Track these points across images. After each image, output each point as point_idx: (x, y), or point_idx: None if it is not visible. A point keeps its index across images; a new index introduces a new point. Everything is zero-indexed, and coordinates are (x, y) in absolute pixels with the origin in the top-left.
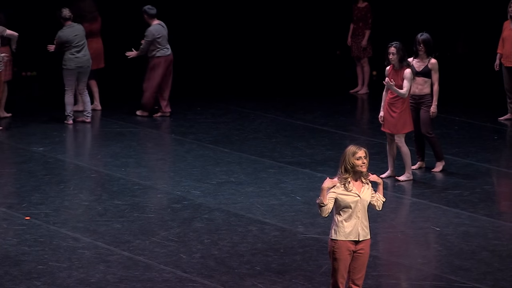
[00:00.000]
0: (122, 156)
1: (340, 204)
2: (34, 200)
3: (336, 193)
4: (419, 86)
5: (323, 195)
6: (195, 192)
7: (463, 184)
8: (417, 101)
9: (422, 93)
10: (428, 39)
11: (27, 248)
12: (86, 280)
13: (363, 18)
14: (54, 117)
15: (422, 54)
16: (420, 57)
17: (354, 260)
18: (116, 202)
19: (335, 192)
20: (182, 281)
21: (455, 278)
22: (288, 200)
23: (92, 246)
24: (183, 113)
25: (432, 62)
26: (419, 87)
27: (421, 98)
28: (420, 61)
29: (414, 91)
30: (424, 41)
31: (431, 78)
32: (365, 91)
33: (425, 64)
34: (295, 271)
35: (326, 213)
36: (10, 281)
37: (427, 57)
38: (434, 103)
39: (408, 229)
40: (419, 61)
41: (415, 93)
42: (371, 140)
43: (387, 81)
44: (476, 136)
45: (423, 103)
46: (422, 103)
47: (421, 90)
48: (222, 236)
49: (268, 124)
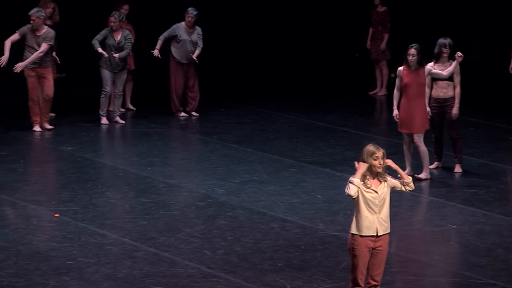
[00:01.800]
0: (148, 155)
1: (359, 200)
2: (63, 198)
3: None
4: (443, 89)
5: (358, 177)
6: (219, 190)
7: (479, 183)
8: (441, 104)
9: (447, 96)
10: (450, 43)
11: (56, 244)
12: (113, 275)
13: (381, 22)
14: (82, 117)
15: (445, 57)
16: (442, 61)
17: (373, 256)
18: (142, 200)
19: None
20: (206, 276)
21: (470, 275)
22: (308, 199)
23: (119, 243)
24: (208, 114)
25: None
26: (443, 91)
27: (446, 101)
28: (441, 65)
29: (439, 94)
30: (450, 45)
31: (453, 81)
32: (384, 93)
33: (447, 68)
34: (316, 267)
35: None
36: (40, 276)
37: (448, 61)
38: (456, 105)
39: (425, 227)
40: (440, 65)
41: (439, 96)
42: (389, 140)
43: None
44: (491, 137)
45: (448, 106)
46: (447, 106)
47: (445, 93)
48: (245, 233)
49: (290, 125)
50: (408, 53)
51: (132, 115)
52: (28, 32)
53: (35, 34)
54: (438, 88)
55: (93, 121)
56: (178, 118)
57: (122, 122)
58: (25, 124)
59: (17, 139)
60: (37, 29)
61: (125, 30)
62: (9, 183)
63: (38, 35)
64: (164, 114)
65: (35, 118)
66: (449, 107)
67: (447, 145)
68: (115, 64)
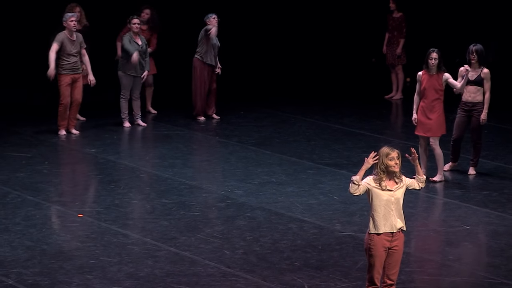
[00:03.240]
0: (169, 157)
1: (375, 201)
2: (86, 198)
3: (371, 186)
4: (472, 94)
5: (360, 175)
6: (238, 191)
7: (492, 185)
8: (470, 108)
9: (475, 101)
10: (480, 49)
11: (79, 244)
12: (135, 274)
13: (397, 28)
14: (105, 120)
15: (474, 63)
16: (473, 66)
17: (389, 256)
18: (163, 201)
19: (370, 184)
20: (226, 275)
21: (484, 274)
22: (326, 200)
23: (141, 242)
24: (227, 117)
25: (484, 72)
26: (472, 95)
27: (474, 106)
28: (473, 70)
29: (467, 99)
30: (476, 51)
31: (483, 86)
32: (399, 97)
33: (478, 74)
34: (333, 267)
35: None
36: (64, 274)
37: (479, 67)
38: (485, 110)
39: (439, 228)
40: (472, 70)
41: (468, 100)
42: (404, 143)
43: (466, 68)
44: (505, 140)
45: (476, 110)
46: (474, 111)
47: (474, 98)
48: (264, 233)
49: (307, 128)
50: (430, 57)
51: (153, 118)
52: (64, 39)
53: (71, 40)
54: (467, 92)
55: (116, 124)
56: (199, 121)
57: (144, 125)
58: (50, 127)
59: (42, 142)
60: (71, 35)
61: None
62: (34, 184)
63: (73, 40)
64: (185, 117)
65: (62, 122)
66: (476, 112)
67: (463, 147)
68: (139, 68)
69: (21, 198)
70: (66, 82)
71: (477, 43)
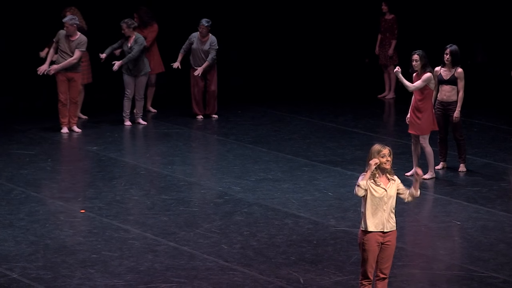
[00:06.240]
0: (169, 154)
1: (369, 197)
2: (89, 195)
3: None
4: (447, 93)
5: (366, 179)
6: (236, 188)
7: (482, 181)
8: (445, 107)
9: (450, 100)
10: (454, 50)
11: (82, 239)
12: (136, 268)
13: (389, 29)
14: (106, 119)
15: (448, 63)
16: (447, 66)
17: (382, 251)
18: (163, 197)
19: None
20: (223, 269)
21: (474, 268)
22: (320, 196)
23: (141, 237)
24: (225, 116)
25: (458, 71)
26: (447, 94)
27: (449, 105)
28: (447, 70)
29: (442, 98)
30: (450, 52)
31: (457, 85)
32: (392, 96)
33: (452, 73)
34: (327, 261)
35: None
36: (66, 268)
37: (453, 67)
38: (458, 108)
39: (431, 223)
40: (446, 70)
41: (443, 99)
42: (397, 141)
43: (398, 69)
44: (494, 138)
45: (451, 109)
46: (450, 109)
47: (449, 97)
48: (260, 228)
49: (303, 126)
50: (412, 59)
51: (153, 116)
52: (62, 37)
53: (69, 40)
54: (442, 91)
55: (117, 123)
56: (198, 120)
57: (144, 123)
58: (53, 125)
59: (46, 139)
60: (71, 35)
61: (137, 35)
62: (38, 181)
63: (72, 41)
64: (184, 115)
65: (63, 120)
66: (452, 111)
67: (451, 145)
68: (132, 69)
69: (25, 194)
70: (60, 79)
71: (453, 44)
